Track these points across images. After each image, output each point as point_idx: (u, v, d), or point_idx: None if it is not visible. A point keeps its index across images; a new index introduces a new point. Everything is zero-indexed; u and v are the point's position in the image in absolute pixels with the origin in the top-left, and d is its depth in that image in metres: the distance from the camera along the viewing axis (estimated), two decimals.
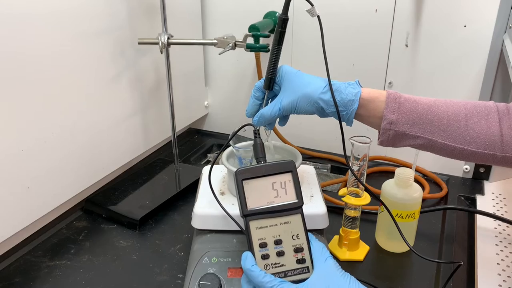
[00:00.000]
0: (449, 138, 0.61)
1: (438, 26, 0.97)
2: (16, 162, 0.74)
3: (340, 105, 0.64)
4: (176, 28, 0.94)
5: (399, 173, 0.75)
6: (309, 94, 0.65)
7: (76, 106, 0.85)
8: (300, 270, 0.56)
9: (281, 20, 0.68)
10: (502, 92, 0.98)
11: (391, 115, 0.62)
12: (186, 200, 0.93)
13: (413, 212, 0.75)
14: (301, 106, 0.66)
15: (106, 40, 0.89)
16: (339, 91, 0.65)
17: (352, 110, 0.64)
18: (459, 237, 0.83)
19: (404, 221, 0.75)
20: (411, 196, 0.75)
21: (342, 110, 0.64)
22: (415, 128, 0.62)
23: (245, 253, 0.56)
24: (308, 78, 0.67)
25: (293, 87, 0.67)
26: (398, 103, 0.62)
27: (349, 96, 0.64)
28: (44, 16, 0.75)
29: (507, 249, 0.78)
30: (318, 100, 0.65)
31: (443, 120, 0.61)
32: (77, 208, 0.91)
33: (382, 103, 0.63)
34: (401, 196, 0.75)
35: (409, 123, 0.62)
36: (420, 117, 0.62)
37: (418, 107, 0.62)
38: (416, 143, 0.63)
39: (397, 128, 0.62)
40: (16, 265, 0.76)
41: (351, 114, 0.65)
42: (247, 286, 0.56)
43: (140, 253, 0.79)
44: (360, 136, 0.73)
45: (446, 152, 0.63)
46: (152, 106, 1.06)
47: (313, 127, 1.18)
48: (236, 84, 1.24)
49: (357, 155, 0.73)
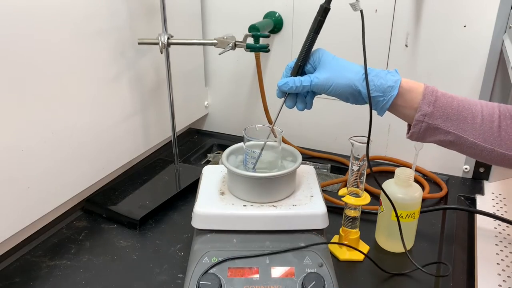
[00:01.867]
0: (480, 137, 0.61)
1: (438, 26, 0.97)
2: (16, 162, 0.74)
3: (379, 91, 0.64)
4: (176, 28, 0.94)
5: (399, 173, 0.75)
6: (348, 76, 0.64)
7: (76, 106, 0.85)
8: None
9: (323, 9, 0.67)
10: (502, 92, 0.98)
11: (426, 107, 0.62)
12: (186, 200, 0.93)
13: (413, 212, 0.75)
14: (338, 85, 0.65)
15: (106, 40, 0.89)
16: (379, 76, 0.64)
17: (390, 97, 0.64)
18: (459, 237, 0.83)
19: (404, 221, 0.75)
20: (411, 196, 0.75)
21: (380, 96, 0.64)
22: (448, 123, 0.62)
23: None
24: (347, 62, 0.67)
25: (332, 67, 0.66)
26: (435, 96, 0.62)
27: (389, 82, 0.64)
28: (44, 16, 0.75)
29: (507, 249, 0.78)
30: (357, 83, 0.64)
31: (477, 118, 0.61)
32: (77, 208, 0.91)
33: (419, 95, 0.63)
34: (401, 196, 0.75)
35: (443, 118, 0.62)
36: (455, 113, 0.62)
37: (454, 102, 0.62)
38: (446, 139, 0.63)
39: (431, 121, 0.62)
40: (16, 265, 0.76)
41: (388, 101, 0.64)
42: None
43: (140, 253, 0.79)
44: (360, 136, 0.73)
45: (474, 151, 0.62)
46: (152, 106, 1.06)
47: (313, 127, 1.18)
48: (236, 84, 1.24)
49: (357, 155, 0.73)
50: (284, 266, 0.65)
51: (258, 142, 0.72)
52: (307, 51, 0.68)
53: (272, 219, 0.69)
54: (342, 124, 1.15)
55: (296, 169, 0.72)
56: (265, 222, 0.69)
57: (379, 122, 1.11)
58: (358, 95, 0.65)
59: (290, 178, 0.72)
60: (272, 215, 0.69)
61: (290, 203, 0.70)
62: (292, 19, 1.09)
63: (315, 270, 0.64)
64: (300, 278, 0.63)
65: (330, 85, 0.65)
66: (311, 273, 0.63)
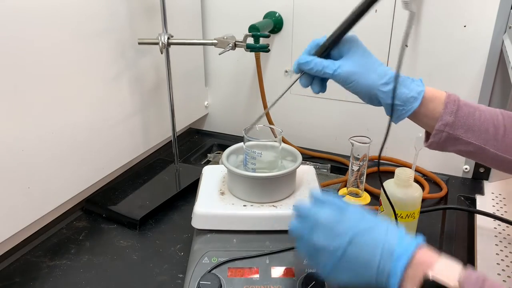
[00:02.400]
0: (502, 148, 0.59)
1: (438, 26, 0.97)
2: (16, 162, 0.74)
3: (400, 99, 0.61)
4: (176, 28, 0.94)
5: (399, 173, 0.75)
6: (372, 78, 0.61)
7: (76, 106, 0.85)
8: None
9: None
10: (502, 92, 0.98)
11: (448, 116, 0.60)
12: (186, 200, 0.93)
13: (413, 212, 0.75)
14: (359, 84, 0.61)
15: (107, 40, 0.89)
16: (403, 84, 0.61)
17: (410, 108, 0.61)
18: (459, 237, 0.83)
19: (404, 221, 0.75)
20: (411, 196, 0.75)
21: (399, 105, 0.61)
22: (470, 134, 0.60)
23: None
24: (376, 60, 0.63)
25: (359, 62, 0.62)
26: (457, 106, 0.60)
27: (412, 93, 0.61)
28: (45, 16, 0.75)
29: (507, 249, 0.78)
30: (378, 89, 0.61)
31: (500, 130, 0.59)
32: (77, 208, 0.91)
33: (441, 104, 0.61)
34: (400, 196, 0.75)
35: (464, 128, 0.60)
36: (477, 123, 0.60)
37: (476, 113, 0.60)
38: (467, 149, 0.61)
39: (452, 131, 0.60)
40: (16, 265, 0.76)
41: (407, 111, 0.61)
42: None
43: (140, 253, 0.79)
44: (360, 136, 0.73)
45: (496, 162, 0.61)
46: (152, 106, 1.06)
47: (313, 127, 1.18)
48: (236, 84, 1.24)
49: (357, 155, 0.73)
50: (284, 266, 0.65)
51: (259, 142, 0.72)
52: (341, 34, 0.62)
53: (272, 219, 0.69)
54: (342, 124, 1.15)
55: (296, 169, 0.72)
56: (265, 222, 0.69)
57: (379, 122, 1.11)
58: (374, 98, 0.63)
59: (290, 178, 0.72)
60: (272, 215, 0.69)
61: (290, 203, 0.70)
62: (292, 19, 1.09)
63: (315, 270, 0.64)
64: (300, 278, 0.63)
65: (351, 81, 0.61)
66: (311, 273, 0.63)
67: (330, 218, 0.51)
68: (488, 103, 0.99)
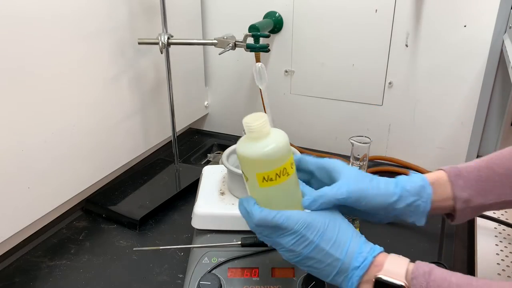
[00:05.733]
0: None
1: (438, 26, 0.97)
2: (16, 162, 0.74)
3: (413, 194, 0.56)
4: (176, 28, 0.94)
5: (246, 122, 0.52)
6: (382, 187, 0.56)
7: (76, 106, 0.85)
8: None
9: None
10: (502, 92, 0.98)
11: (462, 193, 0.56)
12: (186, 200, 0.93)
13: (283, 168, 0.54)
14: (370, 198, 0.55)
15: (106, 40, 0.89)
16: (404, 180, 0.57)
17: (427, 195, 0.56)
18: (459, 237, 0.83)
19: (276, 183, 0.54)
20: (270, 146, 0.52)
21: (416, 200, 0.56)
22: (489, 196, 0.57)
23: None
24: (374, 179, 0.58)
25: (359, 179, 0.56)
26: (463, 179, 0.57)
27: (418, 182, 0.57)
28: (45, 16, 0.75)
29: (507, 249, 0.78)
30: (392, 202, 0.56)
31: (511, 177, 0.56)
32: (77, 208, 0.91)
33: (447, 185, 0.57)
34: (255, 151, 0.52)
35: (481, 194, 0.57)
36: (489, 183, 0.57)
37: (482, 173, 0.57)
38: (493, 208, 0.58)
39: (473, 204, 0.57)
40: (16, 265, 0.76)
41: (427, 201, 0.56)
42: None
43: (140, 253, 0.79)
44: (360, 136, 0.73)
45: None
46: (152, 106, 1.06)
47: (313, 127, 1.18)
48: (236, 84, 1.24)
49: (357, 155, 0.73)
50: (284, 266, 0.65)
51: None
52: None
53: None
54: (342, 124, 1.15)
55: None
56: None
57: (379, 122, 1.11)
58: (393, 207, 0.56)
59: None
60: None
61: None
62: (292, 19, 1.09)
63: None
64: (300, 278, 0.63)
65: (364, 196, 0.55)
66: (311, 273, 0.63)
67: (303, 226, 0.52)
68: (488, 103, 0.99)
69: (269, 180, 0.54)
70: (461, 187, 0.57)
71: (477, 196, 0.57)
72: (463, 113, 1.01)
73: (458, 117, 1.02)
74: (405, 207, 0.56)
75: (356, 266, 0.51)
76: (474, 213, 0.59)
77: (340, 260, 0.51)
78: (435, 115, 1.04)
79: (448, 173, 0.58)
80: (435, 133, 1.06)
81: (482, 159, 0.59)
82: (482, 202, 0.57)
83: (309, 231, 0.52)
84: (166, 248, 0.78)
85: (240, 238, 0.68)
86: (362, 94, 1.09)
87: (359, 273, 0.50)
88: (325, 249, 0.52)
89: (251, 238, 0.67)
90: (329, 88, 1.13)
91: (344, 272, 0.51)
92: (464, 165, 0.59)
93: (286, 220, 0.52)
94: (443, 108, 1.03)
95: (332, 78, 1.11)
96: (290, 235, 0.52)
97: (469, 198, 0.56)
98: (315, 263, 0.52)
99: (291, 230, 0.52)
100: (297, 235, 0.52)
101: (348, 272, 0.51)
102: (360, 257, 0.51)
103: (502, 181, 0.57)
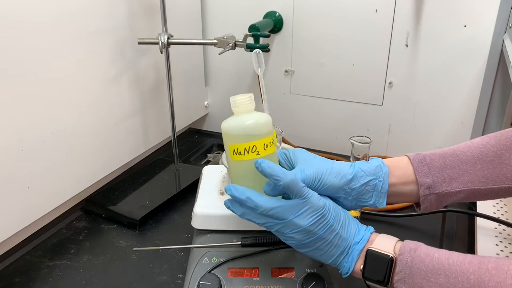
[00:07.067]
0: (490, 181, 0.57)
1: (438, 26, 0.97)
2: (16, 162, 0.74)
3: (369, 174, 0.58)
4: (176, 28, 0.94)
5: (232, 97, 0.61)
6: (337, 167, 0.58)
7: (76, 106, 0.85)
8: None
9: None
10: (502, 92, 0.98)
11: (425, 179, 0.58)
12: (186, 200, 0.93)
13: (253, 145, 0.57)
14: (325, 177, 0.56)
15: (106, 40, 0.89)
16: (361, 163, 0.59)
17: (384, 175, 0.58)
18: (459, 237, 0.83)
19: (245, 159, 0.57)
20: (249, 122, 0.59)
21: (373, 179, 0.58)
22: (454, 183, 0.57)
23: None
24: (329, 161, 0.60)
25: (315, 162, 0.59)
26: (427, 166, 0.58)
27: (374, 163, 0.59)
28: (44, 16, 0.75)
29: (507, 249, 0.78)
30: (347, 181, 0.57)
31: (477, 165, 0.57)
32: (77, 208, 0.91)
33: (408, 168, 0.59)
34: (234, 123, 0.59)
35: (446, 181, 0.57)
36: (454, 170, 0.57)
37: (447, 160, 0.58)
38: (459, 197, 0.58)
39: (437, 191, 0.58)
40: (16, 265, 0.76)
41: (384, 180, 0.58)
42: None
43: (140, 253, 0.79)
44: (360, 136, 0.73)
45: (492, 195, 0.58)
46: (152, 106, 1.06)
47: (313, 127, 1.18)
48: (236, 84, 1.24)
49: (357, 155, 0.73)
50: (284, 266, 0.65)
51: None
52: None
53: None
54: (342, 124, 1.15)
55: None
56: None
57: (379, 122, 1.11)
58: (349, 183, 0.57)
59: None
60: None
61: None
62: (292, 19, 1.09)
63: (315, 270, 0.64)
64: (300, 278, 0.63)
65: (319, 178, 0.57)
66: (311, 273, 0.63)
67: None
68: (488, 103, 0.99)
69: (238, 153, 0.57)
70: (424, 172, 0.58)
71: (442, 183, 0.58)
72: (463, 113, 1.01)
73: (458, 117, 1.02)
74: (362, 187, 0.57)
75: (357, 241, 0.55)
76: (439, 202, 0.59)
77: (346, 240, 0.54)
78: (435, 115, 1.04)
79: (412, 159, 0.59)
80: (435, 133, 1.06)
81: (450, 147, 0.60)
82: (447, 190, 0.58)
83: (328, 212, 0.54)
84: (166, 248, 0.78)
85: (240, 238, 0.68)
86: (362, 94, 1.09)
87: (359, 247, 0.54)
88: (336, 229, 0.54)
89: (251, 238, 0.67)
90: (329, 88, 1.13)
91: (347, 251, 0.54)
92: (429, 152, 0.60)
93: (312, 194, 0.54)
94: (443, 108, 1.03)
95: (332, 78, 1.11)
96: (311, 213, 0.53)
97: (432, 184, 0.58)
98: (323, 244, 0.54)
99: (315, 207, 0.53)
100: (318, 214, 0.53)
101: (349, 249, 0.54)
102: (359, 234, 0.55)
103: (467, 170, 0.58)
